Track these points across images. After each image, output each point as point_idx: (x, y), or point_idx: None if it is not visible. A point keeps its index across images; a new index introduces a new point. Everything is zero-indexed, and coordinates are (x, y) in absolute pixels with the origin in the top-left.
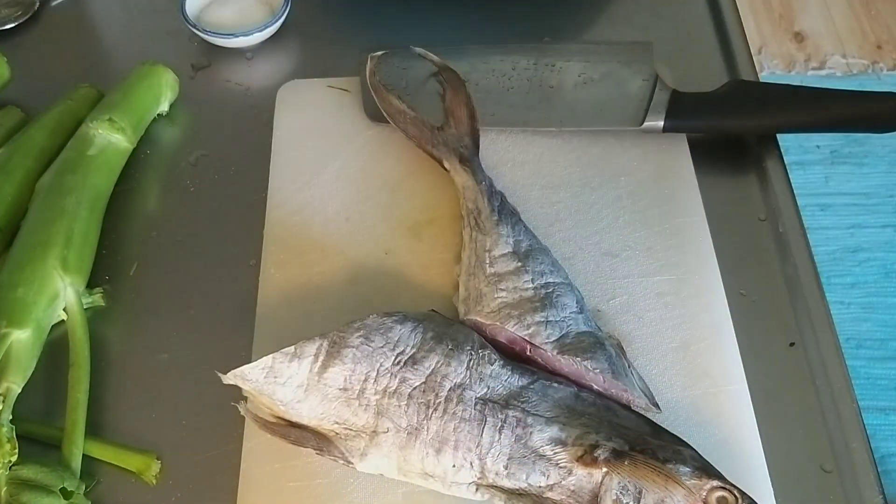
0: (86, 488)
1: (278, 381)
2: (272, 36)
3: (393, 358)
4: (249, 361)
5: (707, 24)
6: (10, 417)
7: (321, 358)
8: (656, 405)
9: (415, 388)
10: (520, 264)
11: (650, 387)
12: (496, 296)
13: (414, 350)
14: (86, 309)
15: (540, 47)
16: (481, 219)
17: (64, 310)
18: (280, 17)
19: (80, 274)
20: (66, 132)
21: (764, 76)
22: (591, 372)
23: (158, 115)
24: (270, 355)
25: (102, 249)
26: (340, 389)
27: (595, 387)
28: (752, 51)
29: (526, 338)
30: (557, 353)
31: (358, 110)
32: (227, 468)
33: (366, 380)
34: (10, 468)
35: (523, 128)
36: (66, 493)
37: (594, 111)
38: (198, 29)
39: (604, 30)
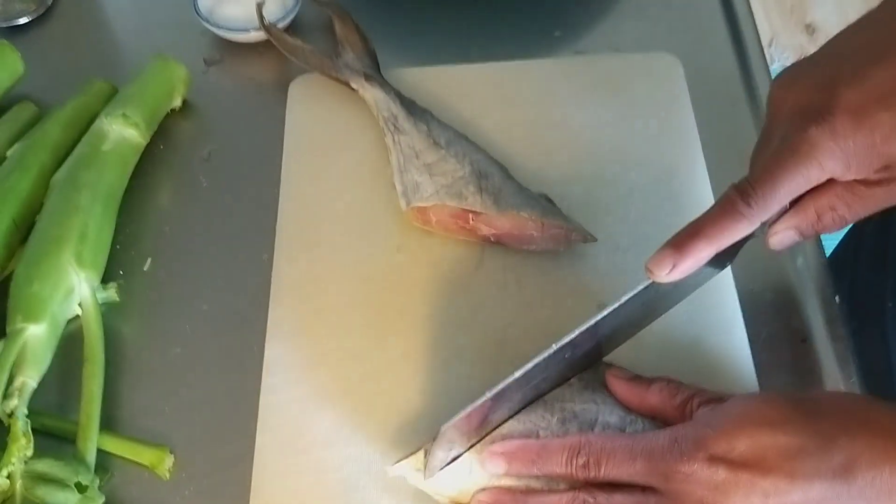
0: (100, 482)
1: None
2: (284, 30)
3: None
4: (262, 357)
5: (718, 16)
6: (26, 412)
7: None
8: (592, 235)
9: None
10: (444, 152)
11: None
12: (432, 181)
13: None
14: (100, 304)
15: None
16: (399, 122)
17: (79, 305)
18: (292, 12)
19: (94, 269)
20: (80, 127)
21: (775, 69)
22: (530, 220)
23: (171, 110)
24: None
25: (116, 245)
26: None
27: (535, 234)
28: (763, 43)
29: (467, 208)
30: (498, 213)
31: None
32: (240, 462)
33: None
34: (25, 462)
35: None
36: (80, 487)
37: None
38: (210, 23)
39: (615, 24)
